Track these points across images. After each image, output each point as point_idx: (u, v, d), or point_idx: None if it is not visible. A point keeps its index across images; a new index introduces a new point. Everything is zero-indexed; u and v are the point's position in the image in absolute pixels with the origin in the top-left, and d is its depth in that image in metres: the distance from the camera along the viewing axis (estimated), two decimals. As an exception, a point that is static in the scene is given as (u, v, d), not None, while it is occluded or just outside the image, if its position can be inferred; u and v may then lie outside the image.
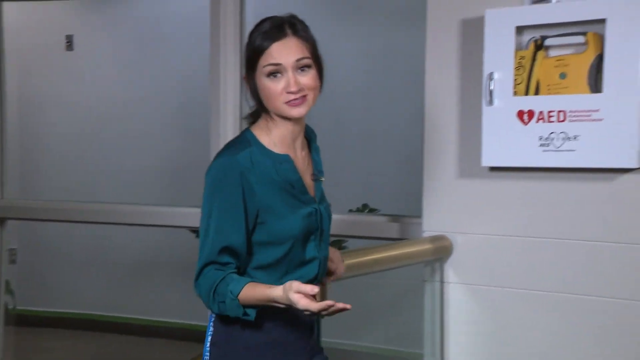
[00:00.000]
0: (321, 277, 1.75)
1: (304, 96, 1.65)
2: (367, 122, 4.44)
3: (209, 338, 1.70)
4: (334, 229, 1.82)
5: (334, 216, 1.82)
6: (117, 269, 5.09)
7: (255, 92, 1.68)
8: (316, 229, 1.71)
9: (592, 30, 2.25)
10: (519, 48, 2.37)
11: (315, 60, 1.68)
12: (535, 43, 2.35)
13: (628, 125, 2.19)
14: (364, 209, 3.74)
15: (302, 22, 1.70)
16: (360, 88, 4.47)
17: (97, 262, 5.13)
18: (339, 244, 3.64)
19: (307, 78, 1.65)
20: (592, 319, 2.36)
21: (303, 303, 1.49)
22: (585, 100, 2.25)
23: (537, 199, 2.42)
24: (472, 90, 2.48)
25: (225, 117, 3.33)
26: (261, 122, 1.71)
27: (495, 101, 2.37)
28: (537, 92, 2.34)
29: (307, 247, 1.70)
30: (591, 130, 2.24)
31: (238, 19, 3.28)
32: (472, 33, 2.47)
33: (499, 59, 2.35)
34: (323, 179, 1.76)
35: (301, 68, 1.65)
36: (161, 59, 4.98)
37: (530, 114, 2.34)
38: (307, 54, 1.66)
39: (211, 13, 3.26)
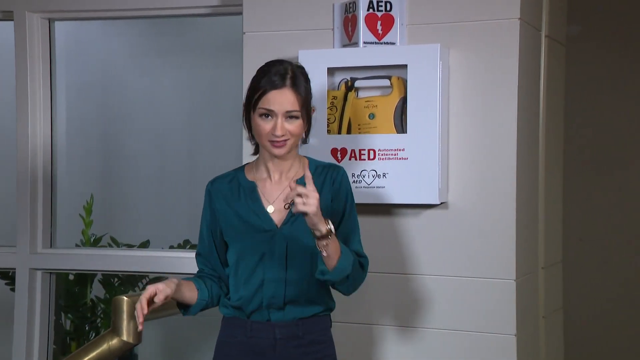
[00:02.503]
0: (271, 297, 1.94)
1: (286, 140, 1.91)
2: (191, 157, 4.41)
3: None
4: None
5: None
6: None
7: (249, 125, 1.96)
8: (266, 250, 1.93)
9: (396, 74, 2.39)
10: (331, 88, 2.47)
11: (305, 112, 1.94)
12: (346, 84, 2.46)
13: (429, 164, 2.34)
14: (185, 245, 3.69)
15: (304, 74, 1.96)
16: (184, 123, 4.44)
17: None
18: (158, 280, 3.57)
19: (293, 126, 1.92)
20: (411, 349, 2.48)
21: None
22: (392, 140, 2.38)
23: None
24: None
25: (34, 149, 3.17)
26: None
27: (310, 139, 2.44)
28: (349, 131, 2.45)
29: (257, 266, 1.94)
30: (398, 168, 2.37)
31: (47, 51, 3.17)
32: (287, 73, 2.55)
33: (313, 99, 2.42)
34: (292, 208, 1.84)
35: (289, 117, 1.91)
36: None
37: (343, 151, 2.44)
38: (297, 107, 1.91)
39: (17, 45, 3.13)
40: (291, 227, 1.94)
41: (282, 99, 1.90)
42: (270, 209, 1.97)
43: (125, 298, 2.06)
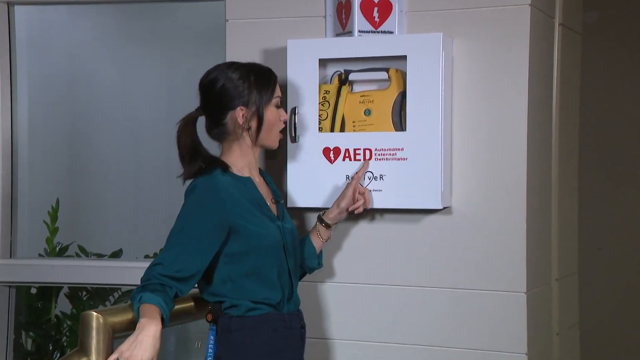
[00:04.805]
0: (295, 284, 2.22)
1: None
2: (168, 157, 4.42)
3: (211, 351, 2.13)
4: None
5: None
6: None
7: (251, 120, 2.16)
8: (284, 242, 2.18)
9: (395, 66, 2.42)
10: (323, 82, 2.50)
11: None
12: (339, 77, 2.49)
13: (431, 165, 2.38)
14: (163, 255, 3.71)
15: None
16: (160, 119, 4.45)
17: None
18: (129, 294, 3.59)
19: None
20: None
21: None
22: (390, 138, 2.41)
23: (346, 242, 2.56)
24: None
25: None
26: (224, 154, 2.20)
27: (300, 137, 2.48)
28: (342, 129, 2.48)
29: (279, 257, 2.16)
30: (396, 169, 2.40)
31: (6, 39, 3.18)
32: (274, 65, 2.57)
33: (303, 93, 2.46)
34: (282, 201, 2.30)
35: None
36: None
37: (337, 151, 2.47)
38: None
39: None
40: (286, 219, 2.27)
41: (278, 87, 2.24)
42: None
43: (94, 313, 2.07)
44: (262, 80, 2.18)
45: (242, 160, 2.20)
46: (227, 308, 2.13)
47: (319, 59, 2.46)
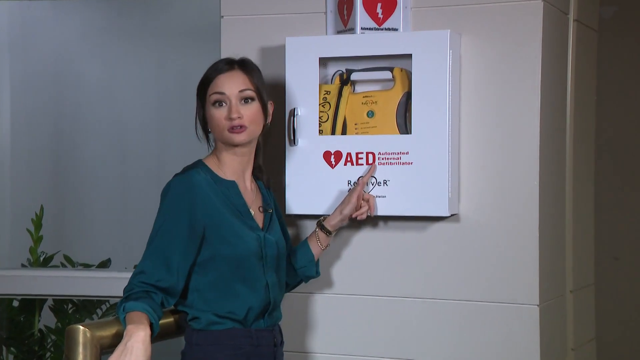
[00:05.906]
0: (273, 301, 2.19)
1: (244, 126, 2.15)
2: (159, 161, 4.44)
3: None
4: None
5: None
6: None
7: (205, 123, 2.20)
8: (263, 254, 2.16)
9: (399, 65, 2.43)
10: (324, 82, 2.51)
11: (260, 98, 2.18)
12: (340, 77, 2.50)
13: (438, 169, 2.38)
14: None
15: (253, 64, 2.23)
16: (150, 120, 4.47)
17: None
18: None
19: (249, 110, 2.16)
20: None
21: None
22: (394, 141, 2.42)
23: (347, 251, 2.56)
24: (275, 128, 2.59)
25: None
26: (212, 154, 2.22)
27: (300, 141, 2.49)
28: (344, 131, 2.49)
29: (253, 269, 2.14)
30: (401, 174, 2.41)
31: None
32: (272, 64, 2.59)
33: (303, 94, 2.47)
34: (271, 210, 2.27)
35: (244, 100, 2.17)
36: None
37: (338, 155, 2.48)
38: (250, 87, 2.17)
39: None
40: (273, 230, 2.25)
41: (232, 81, 2.17)
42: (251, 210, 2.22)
43: (81, 327, 2.08)
44: (200, 83, 2.21)
45: (226, 163, 2.21)
46: (191, 320, 2.14)
47: (319, 58, 2.47)
